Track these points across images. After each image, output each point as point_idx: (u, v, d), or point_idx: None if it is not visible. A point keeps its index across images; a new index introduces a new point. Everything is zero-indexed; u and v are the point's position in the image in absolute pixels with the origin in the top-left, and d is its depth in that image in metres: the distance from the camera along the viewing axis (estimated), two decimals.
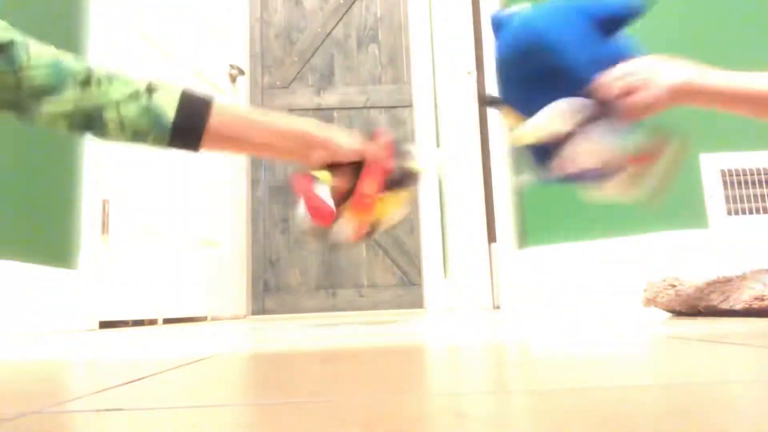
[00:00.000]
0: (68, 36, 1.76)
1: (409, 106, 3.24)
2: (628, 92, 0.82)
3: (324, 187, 0.88)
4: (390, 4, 3.38)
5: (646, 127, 0.84)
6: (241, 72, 2.93)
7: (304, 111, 3.28)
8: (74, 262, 1.71)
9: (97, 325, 1.77)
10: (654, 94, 0.82)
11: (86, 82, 0.77)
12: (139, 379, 0.47)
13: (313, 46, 3.34)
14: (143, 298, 2.04)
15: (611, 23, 0.86)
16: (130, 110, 0.77)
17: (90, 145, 1.81)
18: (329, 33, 3.35)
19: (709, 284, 1.15)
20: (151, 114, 0.77)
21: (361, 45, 3.35)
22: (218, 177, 2.70)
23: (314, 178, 0.90)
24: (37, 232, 1.56)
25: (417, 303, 3.10)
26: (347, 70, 3.32)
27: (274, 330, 1.32)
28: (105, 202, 1.88)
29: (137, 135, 0.79)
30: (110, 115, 0.77)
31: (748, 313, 1.04)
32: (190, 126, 0.79)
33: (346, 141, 0.83)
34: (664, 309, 1.22)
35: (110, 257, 1.88)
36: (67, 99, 0.76)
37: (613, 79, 0.82)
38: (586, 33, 0.85)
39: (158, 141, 0.80)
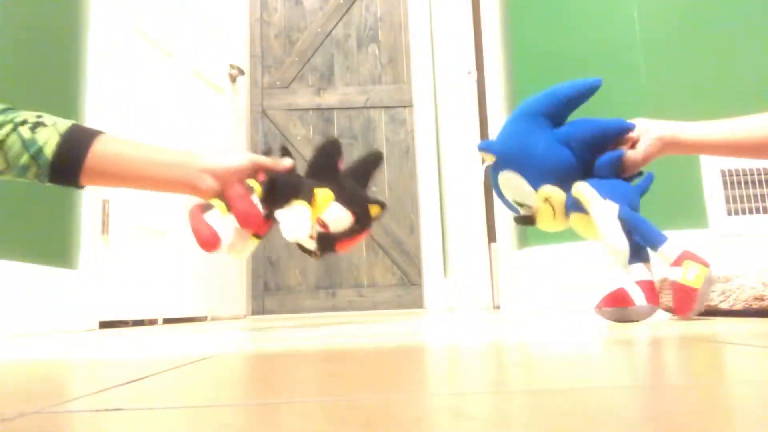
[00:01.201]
0: (68, 36, 1.76)
1: (409, 106, 3.24)
2: (631, 144, 1.00)
3: (216, 214, 0.96)
4: (390, 4, 3.38)
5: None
6: (241, 72, 2.93)
7: (304, 111, 3.28)
8: (74, 262, 1.71)
9: (97, 325, 1.77)
10: (649, 144, 0.97)
11: None
12: (139, 379, 0.47)
13: (313, 46, 3.34)
14: (143, 298, 2.04)
15: (564, 108, 1.04)
16: (13, 146, 0.78)
17: None
18: (329, 33, 3.35)
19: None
20: (30, 150, 0.78)
21: (361, 45, 3.35)
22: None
23: (207, 206, 0.96)
24: (37, 232, 1.56)
25: (417, 303, 3.10)
26: (347, 70, 3.32)
27: (274, 330, 1.32)
28: (105, 202, 1.88)
29: (19, 171, 0.80)
30: None
31: (748, 313, 1.04)
32: (66, 164, 0.80)
33: (229, 162, 0.87)
34: (664, 309, 1.22)
35: (110, 257, 1.88)
36: None
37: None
38: (534, 131, 1.03)
39: (39, 177, 0.81)
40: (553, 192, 1.01)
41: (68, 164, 0.80)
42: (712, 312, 1.10)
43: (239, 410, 0.34)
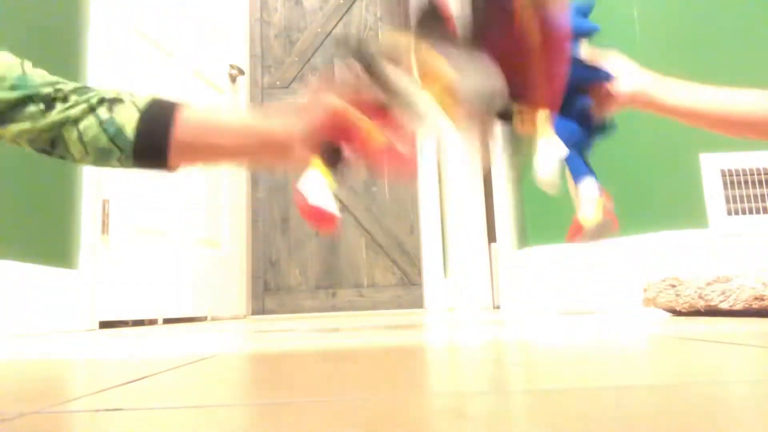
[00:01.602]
0: (68, 36, 1.76)
1: None
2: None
3: (321, 183, 0.79)
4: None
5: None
6: (241, 72, 2.93)
7: None
8: (74, 262, 1.71)
9: (97, 325, 1.77)
10: (614, 93, 0.83)
11: (51, 98, 0.71)
12: (139, 379, 0.47)
13: (313, 46, 3.34)
14: (143, 298, 2.04)
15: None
16: (90, 128, 0.70)
17: None
18: (329, 33, 3.35)
19: (709, 284, 1.15)
20: (109, 132, 0.70)
21: None
22: (218, 177, 2.70)
23: (312, 180, 0.80)
24: (37, 232, 1.56)
25: (417, 303, 3.10)
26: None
27: (274, 330, 1.32)
28: (105, 202, 1.88)
29: (100, 156, 0.72)
30: (70, 135, 0.71)
31: (748, 313, 1.04)
32: (151, 143, 0.71)
33: (312, 117, 0.71)
34: (664, 309, 1.22)
35: (110, 257, 1.88)
36: (28, 116, 0.71)
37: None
38: None
39: (123, 162, 0.73)
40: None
41: (154, 143, 0.70)
42: (712, 312, 1.10)
43: (239, 410, 0.34)
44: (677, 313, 1.19)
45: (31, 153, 0.80)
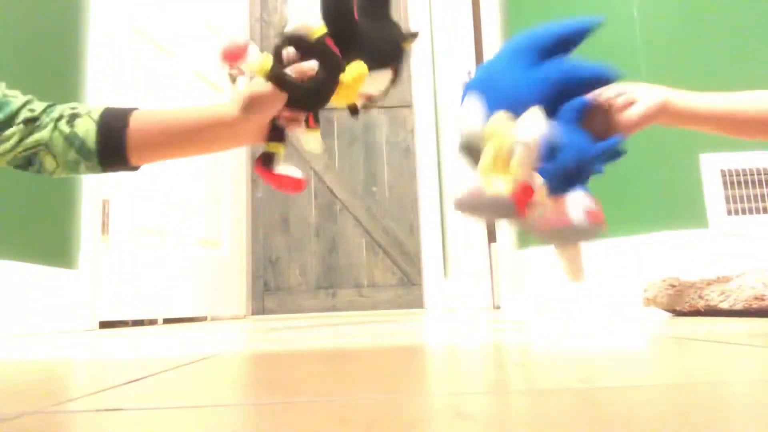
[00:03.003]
0: (68, 35, 1.76)
1: (409, 106, 3.24)
2: (620, 108, 0.85)
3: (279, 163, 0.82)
4: None
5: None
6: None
7: None
8: (74, 262, 1.71)
9: (97, 325, 1.77)
10: (641, 109, 0.84)
11: (27, 120, 0.78)
12: (139, 379, 0.47)
13: None
14: (143, 298, 2.04)
15: (557, 47, 0.89)
16: (58, 146, 0.77)
17: None
18: None
19: (709, 284, 1.15)
20: (75, 145, 0.77)
21: None
22: (218, 177, 2.70)
23: (269, 157, 0.84)
24: (37, 232, 1.56)
25: (417, 303, 3.10)
26: None
27: (274, 330, 1.32)
28: (105, 202, 1.88)
29: (71, 167, 0.79)
30: (44, 154, 0.78)
31: (748, 313, 1.04)
32: (111, 150, 0.77)
33: (257, 88, 0.79)
34: (664, 309, 1.22)
35: (110, 257, 1.88)
36: (8, 139, 0.77)
37: (608, 96, 0.85)
38: (520, 65, 0.88)
39: (92, 169, 0.80)
40: (504, 126, 0.84)
41: (113, 149, 0.77)
42: (712, 312, 1.10)
43: (239, 410, 0.34)
44: (677, 313, 1.19)
45: None
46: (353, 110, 0.89)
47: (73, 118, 0.78)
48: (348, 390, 0.38)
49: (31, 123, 0.78)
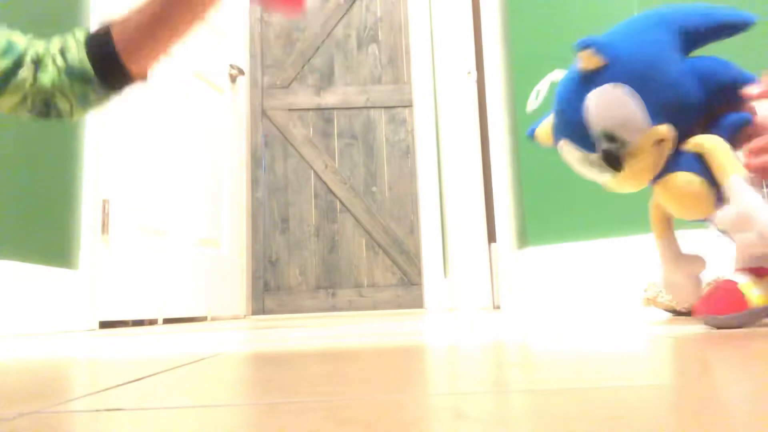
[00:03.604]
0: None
1: (409, 106, 3.24)
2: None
3: None
4: (390, 4, 3.38)
5: None
6: (241, 72, 2.93)
7: (304, 111, 3.28)
8: (74, 262, 1.71)
9: (97, 325, 1.77)
10: None
11: (34, 60, 0.77)
12: (139, 379, 0.47)
13: (313, 46, 3.34)
14: (143, 298, 2.04)
15: (708, 35, 0.80)
16: (62, 81, 0.76)
17: (90, 144, 1.81)
18: (329, 33, 3.35)
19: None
20: (75, 75, 0.76)
21: (361, 45, 3.35)
22: (218, 177, 2.70)
23: None
24: (37, 232, 1.56)
25: (417, 303, 3.10)
26: (347, 70, 3.32)
27: (274, 330, 1.32)
28: (105, 202, 1.88)
29: (83, 100, 0.78)
30: (57, 98, 0.77)
31: None
32: (107, 64, 0.77)
33: None
34: (664, 309, 1.22)
35: (110, 257, 1.88)
36: (20, 84, 0.76)
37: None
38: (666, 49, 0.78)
39: (101, 95, 0.80)
40: (670, 135, 0.75)
41: (109, 62, 0.77)
42: None
43: (239, 410, 0.34)
44: (677, 313, 1.19)
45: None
46: None
47: (63, 50, 0.77)
48: (348, 390, 0.38)
49: (38, 64, 0.77)
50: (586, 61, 0.75)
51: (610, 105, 0.75)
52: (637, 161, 0.76)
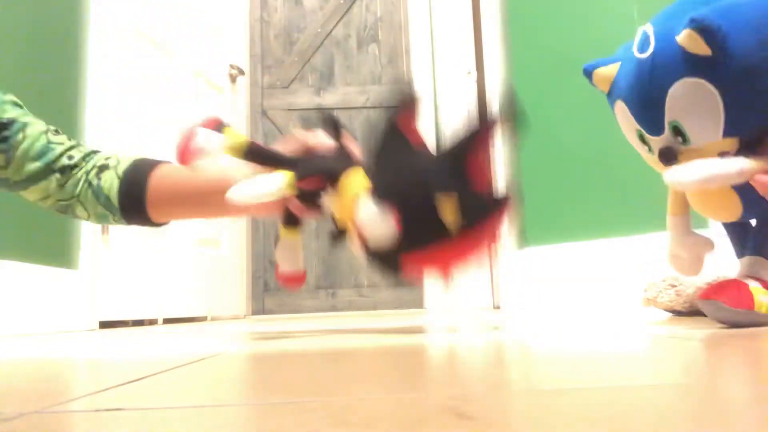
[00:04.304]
0: (68, 35, 1.76)
1: None
2: None
3: (291, 248, 0.83)
4: (390, 4, 3.38)
5: None
6: (241, 72, 2.93)
7: (304, 111, 3.28)
8: (74, 262, 1.71)
9: (97, 325, 1.77)
10: None
11: (67, 167, 0.80)
12: (139, 379, 0.47)
13: (313, 46, 3.34)
14: (143, 298, 2.04)
15: None
16: (88, 200, 0.80)
17: (91, 144, 1.80)
18: (329, 33, 3.35)
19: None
20: (101, 200, 0.80)
21: (361, 45, 3.35)
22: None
23: (282, 248, 0.84)
24: (37, 232, 1.56)
25: (417, 303, 3.10)
26: (347, 70, 3.32)
27: (274, 329, 1.32)
28: None
29: (101, 218, 0.82)
30: (75, 206, 0.82)
31: None
32: (132, 206, 0.79)
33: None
34: (664, 309, 1.22)
35: (110, 257, 1.88)
36: (45, 187, 0.81)
37: None
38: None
39: (118, 221, 0.83)
40: (734, 149, 0.69)
41: (134, 207, 0.79)
42: None
43: (239, 410, 0.34)
44: (677, 313, 1.19)
45: None
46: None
47: (102, 170, 0.79)
48: (348, 390, 0.38)
49: (68, 172, 0.81)
50: (692, 43, 0.66)
51: (696, 101, 0.68)
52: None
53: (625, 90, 0.78)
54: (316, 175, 0.75)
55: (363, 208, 0.70)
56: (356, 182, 0.73)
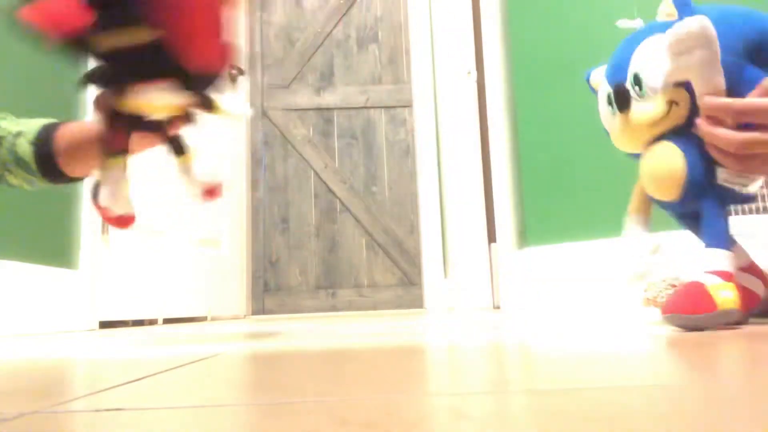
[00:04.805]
0: None
1: (409, 106, 3.24)
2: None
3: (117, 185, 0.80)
4: (390, 4, 3.38)
5: None
6: (241, 72, 2.93)
7: (304, 111, 3.28)
8: (74, 262, 1.71)
9: (97, 325, 1.77)
10: None
11: None
12: (139, 379, 0.47)
13: (313, 46, 3.34)
14: (143, 298, 2.04)
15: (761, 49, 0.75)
16: (11, 165, 0.83)
17: None
18: (329, 33, 3.35)
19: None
20: (21, 164, 0.83)
21: (361, 45, 3.35)
22: (218, 177, 2.70)
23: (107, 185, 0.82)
24: (37, 232, 1.56)
25: (417, 303, 3.10)
26: (347, 70, 3.32)
27: (274, 330, 1.32)
28: None
29: (29, 183, 0.85)
30: (6, 175, 0.85)
31: (747, 313, 1.03)
32: (47, 167, 0.82)
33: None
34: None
35: (110, 257, 1.88)
36: None
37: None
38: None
39: (44, 182, 0.85)
40: (683, 99, 0.74)
41: (49, 165, 0.83)
42: None
43: (239, 410, 0.34)
44: None
45: None
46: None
47: (17, 137, 0.83)
48: (348, 390, 0.38)
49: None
50: (667, 5, 0.80)
51: (654, 53, 0.76)
52: (642, 111, 0.77)
53: (606, 70, 0.87)
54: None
55: None
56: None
